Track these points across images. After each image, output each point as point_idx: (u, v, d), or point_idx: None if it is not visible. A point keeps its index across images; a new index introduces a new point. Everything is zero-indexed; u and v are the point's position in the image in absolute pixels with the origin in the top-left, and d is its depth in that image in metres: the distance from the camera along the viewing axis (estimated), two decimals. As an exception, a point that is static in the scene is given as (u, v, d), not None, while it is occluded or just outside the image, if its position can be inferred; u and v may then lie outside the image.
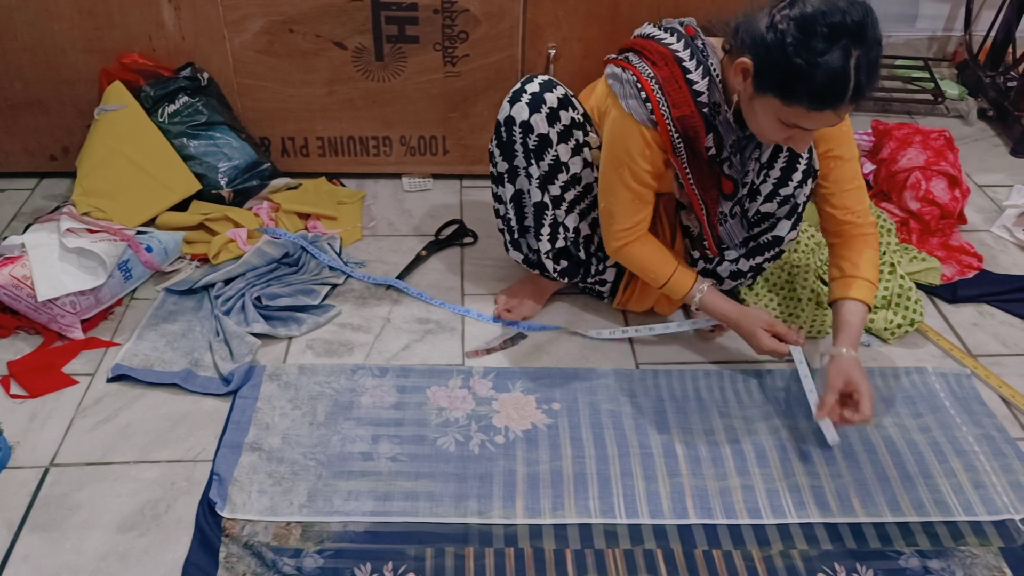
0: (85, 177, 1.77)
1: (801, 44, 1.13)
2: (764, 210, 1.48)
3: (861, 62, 1.13)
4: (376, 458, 1.39)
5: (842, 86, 1.14)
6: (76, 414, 1.44)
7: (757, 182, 1.45)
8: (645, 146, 1.34)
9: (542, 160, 1.45)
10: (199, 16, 1.82)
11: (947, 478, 1.38)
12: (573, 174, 1.48)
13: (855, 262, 1.44)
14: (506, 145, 1.47)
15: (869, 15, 1.13)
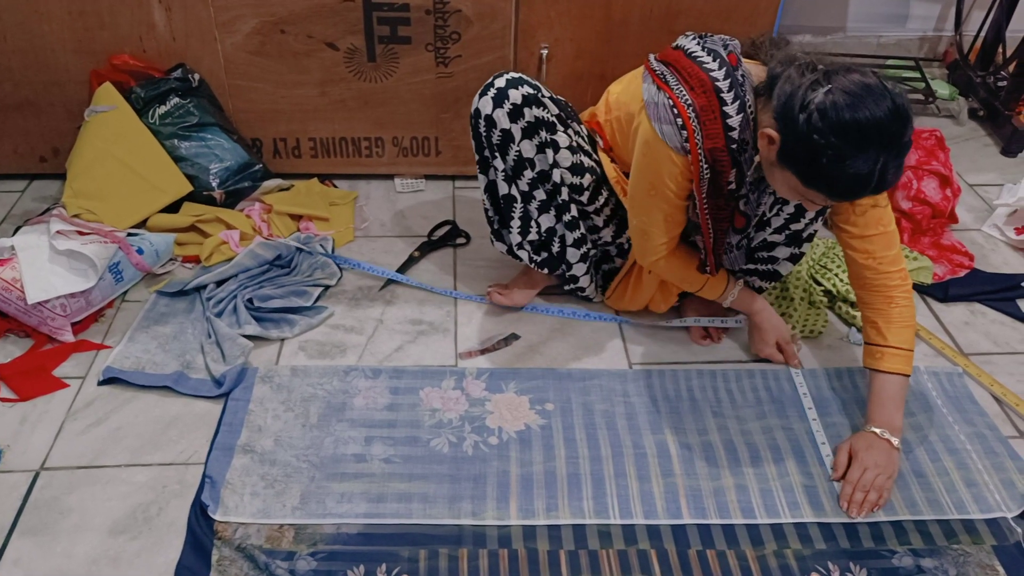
0: (75, 179, 1.76)
1: (830, 146, 1.11)
2: (770, 239, 1.47)
3: (889, 167, 1.12)
4: (369, 460, 1.38)
5: (864, 186, 1.13)
6: (67, 417, 1.43)
7: (769, 214, 1.44)
8: (677, 172, 1.32)
9: (506, 155, 1.46)
10: (190, 17, 1.81)
11: (940, 477, 1.38)
12: (540, 171, 1.48)
13: (884, 326, 1.38)
14: (475, 137, 1.50)
15: (907, 125, 1.11)
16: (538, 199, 1.51)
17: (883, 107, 1.09)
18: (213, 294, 1.66)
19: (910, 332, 1.39)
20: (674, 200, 1.36)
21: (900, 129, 1.10)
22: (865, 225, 1.35)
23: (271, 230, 1.84)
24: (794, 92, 1.14)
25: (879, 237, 1.36)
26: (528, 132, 1.45)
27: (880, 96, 1.10)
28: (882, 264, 1.37)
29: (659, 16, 1.88)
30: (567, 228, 1.54)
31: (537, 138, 1.45)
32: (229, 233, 1.77)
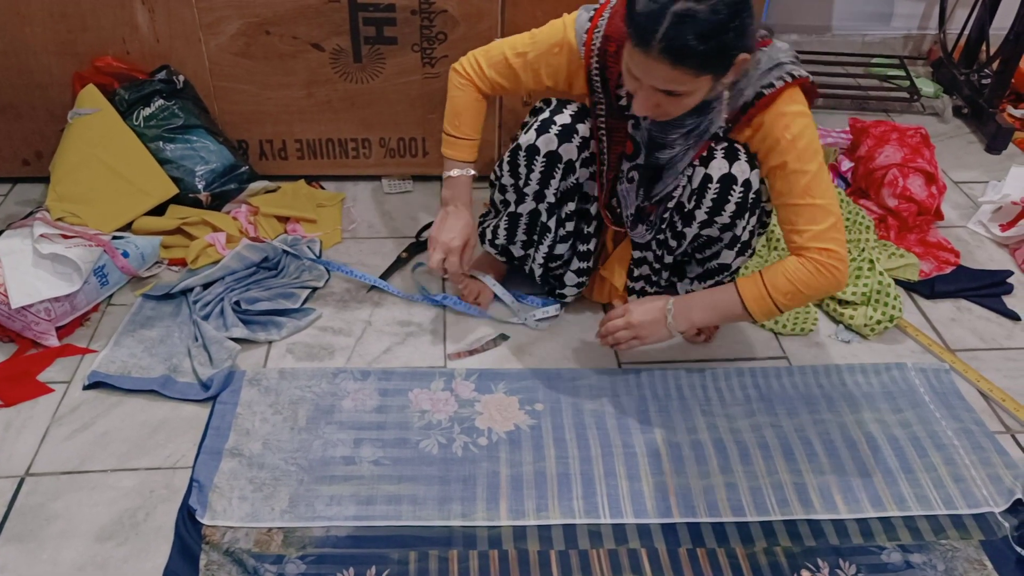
0: (59, 182, 1.75)
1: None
2: (706, 234, 1.43)
3: (683, 13, 1.08)
4: (358, 462, 1.38)
5: (654, 24, 1.09)
6: (52, 422, 1.41)
7: (688, 205, 1.41)
8: (559, 46, 1.37)
9: (551, 181, 1.48)
10: (173, 18, 1.80)
11: (928, 472, 1.39)
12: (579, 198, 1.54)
13: (778, 268, 1.33)
14: (513, 171, 1.49)
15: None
16: (567, 229, 1.53)
17: None
18: (200, 297, 1.64)
19: (788, 287, 1.31)
20: (540, 62, 1.39)
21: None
22: (790, 191, 1.29)
23: (258, 232, 1.83)
24: None
25: (806, 208, 1.28)
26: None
27: None
28: (801, 236, 1.30)
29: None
30: (578, 258, 1.58)
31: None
32: (215, 236, 1.76)
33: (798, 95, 1.29)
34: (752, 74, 1.26)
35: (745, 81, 1.27)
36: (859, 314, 1.67)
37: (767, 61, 1.27)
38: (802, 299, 1.33)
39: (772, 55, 1.28)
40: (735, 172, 1.34)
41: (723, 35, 1.10)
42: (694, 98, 1.22)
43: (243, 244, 1.72)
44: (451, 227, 1.50)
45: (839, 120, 2.44)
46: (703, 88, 1.20)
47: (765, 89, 1.27)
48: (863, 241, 1.82)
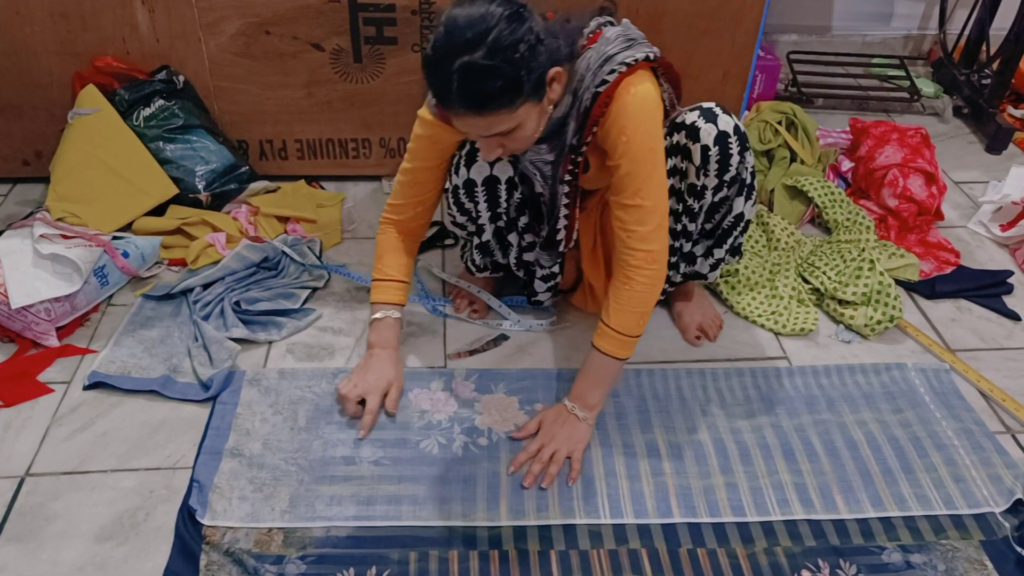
0: (59, 182, 1.75)
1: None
2: (719, 196, 1.42)
3: (464, 68, 1.11)
4: (358, 462, 1.37)
5: (446, 87, 1.14)
6: (52, 423, 1.41)
7: (698, 181, 1.40)
8: (427, 138, 1.43)
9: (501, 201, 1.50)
10: (174, 18, 1.80)
11: (928, 473, 1.39)
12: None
13: (613, 306, 1.34)
14: (461, 210, 1.52)
15: (450, 33, 1.12)
16: (527, 240, 1.54)
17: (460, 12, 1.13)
18: (200, 297, 1.64)
19: (633, 318, 1.34)
20: (424, 152, 1.44)
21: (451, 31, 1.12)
22: (621, 190, 1.30)
23: (258, 232, 1.83)
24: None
25: (634, 209, 1.29)
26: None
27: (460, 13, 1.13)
28: (630, 238, 1.31)
29: (645, 16, 1.88)
30: (539, 266, 1.57)
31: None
32: (215, 236, 1.76)
33: (641, 80, 1.26)
34: (586, 77, 1.26)
35: (581, 86, 1.27)
36: (859, 314, 1.67)
37: (596, 58, 1.26)
38: (645, 317, 1.36)
39: (600, 50, 1.26)
40: (721, 126, 1.34)
41: (510, 69, 1.12)
42: (528, 128, 1.23)
43: (243, 244, 1.72)
44: (375, 369, 1.46)
45: (839, 120, 2.44)
46: (531, 115, 1.21)
47: (600, 87, 1.26)
48: (863, 241, 1.82)
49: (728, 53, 1.96)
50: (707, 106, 1.36)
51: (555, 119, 1.28)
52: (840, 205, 1.93)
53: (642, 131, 1.27)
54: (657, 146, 1.29)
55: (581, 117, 1.29)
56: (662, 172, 1.31)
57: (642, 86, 1.26)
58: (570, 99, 1.28)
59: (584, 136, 1.31)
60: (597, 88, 1.26)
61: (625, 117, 1.26)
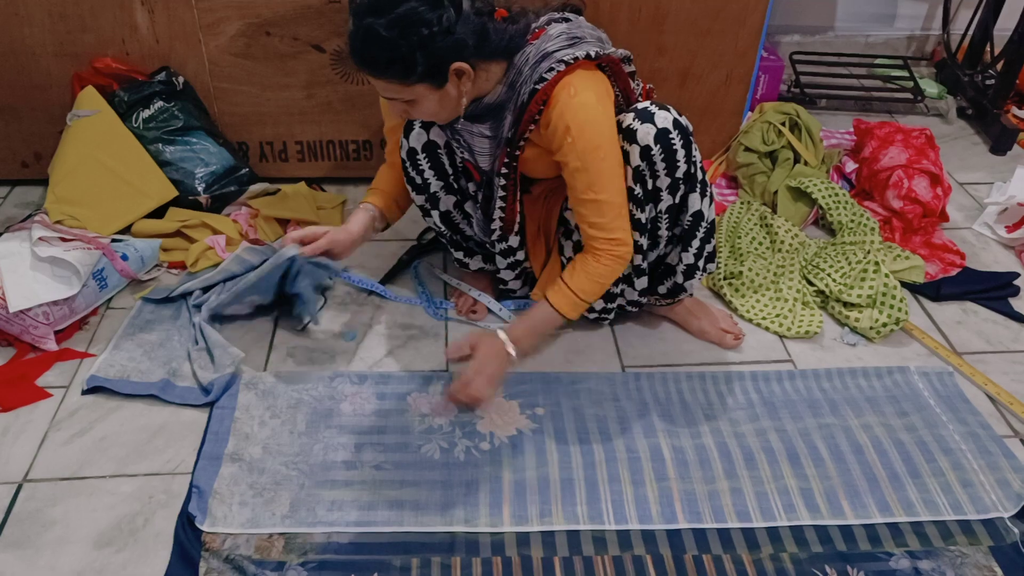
0: (58, 184, 1.73)
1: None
2: (677, 195, 1.42)
3: (366, 28, 1.17)
4: (360, 466, 1.36)
5: (352, 40, 1.20)
6: (50, 427, 1.40)
7: (649, 183, 1.38)
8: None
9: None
10: (173, 19, 1.79)
11: (935, 477, 1.38)
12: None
13: (578, 269, 1.38)
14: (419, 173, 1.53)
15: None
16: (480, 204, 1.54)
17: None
18: (200, 300, 1.63)
19: (593, 286, 1.39)
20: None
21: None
22: (574, 186, 1.33)
23: (258, 235, 1.82)
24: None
25: (590, 203, 1.33)
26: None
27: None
28: (592, 228, 1.35)
29: (647, 17, 1.87)
30: (502, 255, 1.58)
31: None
32: (215, 238, 1.75)
33: (581, 79, 1.27)
34: (524, 71, 1.27)
35: (519, 79, 1.28)
36: (865, 317, 1.65)
37: (535, 54, 1.27)
38: (604, 288, 1.42)
39: (540, 47, 1.27)
40: (660, 124, 1.32)
41: (404, 45, 1.17)
42: (426, 106, 1.27)
43: (243, 247, 1.70)
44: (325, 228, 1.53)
45: (843, 121, 2.42)
46: (427, 96, 1.24)
47: (537, 85, 1.26)
48: (868, 243, 1.81)
49: (731, 54, 1.95)
50: (641, 106, 1.35)
51: (489, 104, 1.31)
52: (844, 207, 1.91)
53: (587, 129, 1.28)
54: (603, 142, 1.30)
55: (518, 111, 1.30)
56: (612, 163, 1.32)
57: (581, 84, 1.27)
58: (507, 90, 1.30)
59: (520, 130, 1.32)
60: (535, 84, 1.27)
61: (568, 118, 1.27)
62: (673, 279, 1.53)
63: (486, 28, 1.23)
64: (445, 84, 1.24)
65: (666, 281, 1.55)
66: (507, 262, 1.59)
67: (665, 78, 1.97)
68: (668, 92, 1.98)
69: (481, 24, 1.22)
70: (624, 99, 1.39)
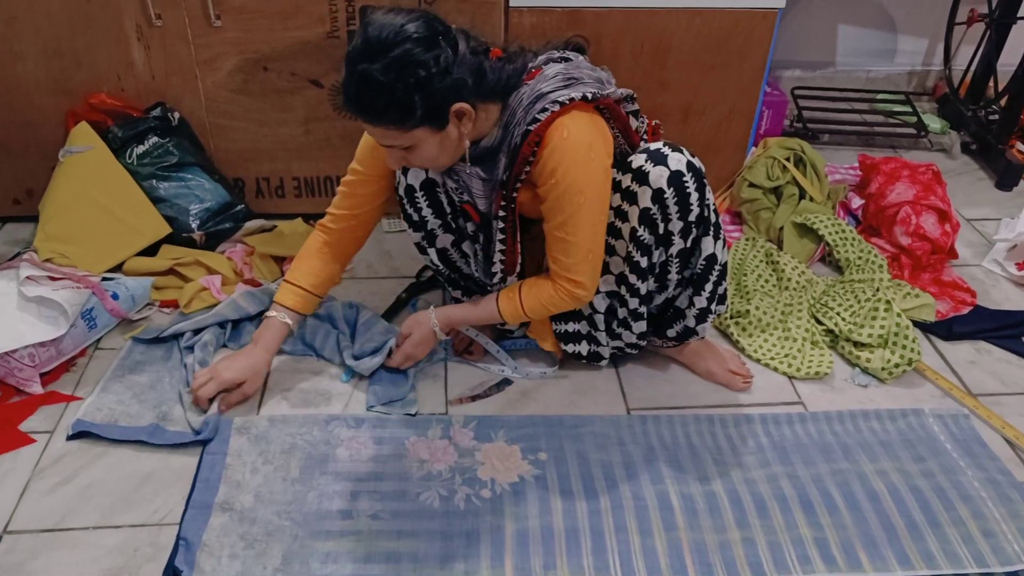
0: (48, 222, 1.70)
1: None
2: (689, 240, 1.39)
3: (361, 73, 1.13)
4: (355, 516, 1.31)
5: (346, 87, 1.17)
6: (33, 475, 1.34)
7: (661, 226, 1.35)
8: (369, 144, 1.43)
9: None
10: (170, 55, 1.77)
11: (955, 527, 1.32)
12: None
13: (533, 287, 1.41)
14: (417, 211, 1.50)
15: (364, 38, 1.14)
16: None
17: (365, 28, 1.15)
18: (192, 341, 1.58)
19: (541, 311, 1.42)
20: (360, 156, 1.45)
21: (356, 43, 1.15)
22: (549, 220, 1.32)
23: (253, 273, 1.78)
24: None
25: (559, 241, 1.33)
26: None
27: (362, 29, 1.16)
28: (556, 264, 1.36)
29: (649, 53, 1.86)
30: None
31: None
32: (210, 279, 1.71)
33: (575, 120, 1.24)
34: (517, 113, 1.25)
35: (512, 120, 1.25)
36: (876, 357, 1.61)
37: (529, 95, 1.24)
38: (549, 313, 1.44)
39: (535, 87, 1.24)
40: (673, 166, 1.29)
41: (402, 89, 1.13)
42: (426, 150, 1.23)
43: (240, 292, 1.66)
44: (235, 360, 1.47)
45: (846, 156, 2.40)
46: (427, 140, 1.21)
47: (530, 126, 1.24)
48: (877, 281, 1.77)
49: (734, 89, 1.93)
50: (655, 147, 1.32)
51: (485, 148, 1.29)
52: (851, 243, 1.88)
53: (572, 174, 1.25)
54: (587, 187, 1.27)
55: (511, 153, 1.27)
56: (591, 210, 1.30)
57: (575, 127, 1.24)
58: (501, 133, 1.27)
59: (515, 172, 1.29)
60: (528, 126, 1.24)
61: (556, 160, 1.24)
62: (683, 323, 1.49)
63: (483, 67, 1.21)
64: (446, 126, 1.21)
65: (675, 325, 1.50)
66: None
67: (668, 114, 1.95)
68: (671, 128, 1.96)
69: (478, 63, 1.20)
70: (625, 139, 1.36)
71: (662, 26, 1.83)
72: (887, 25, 2.69)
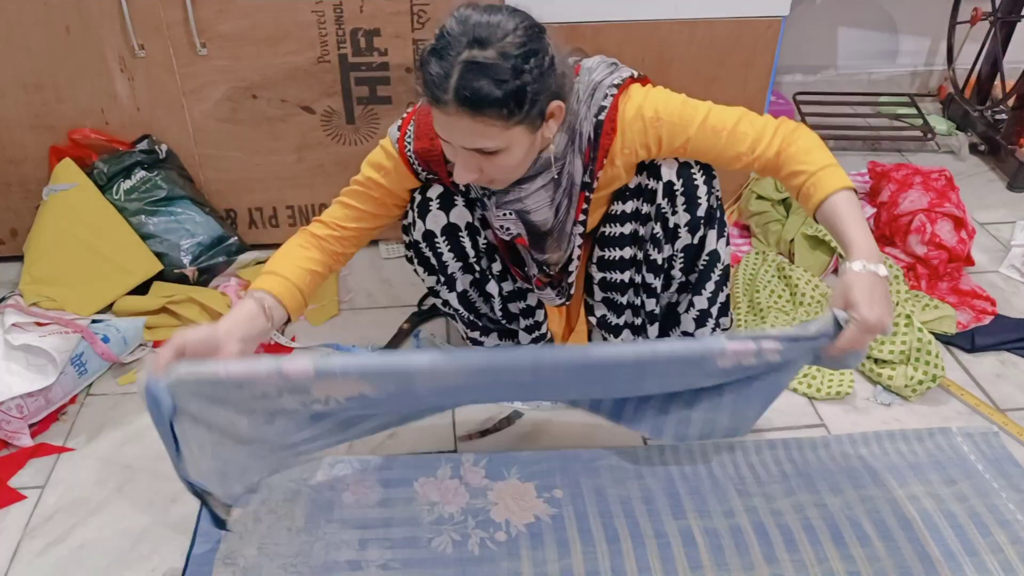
0: (33, 263, 1.63)
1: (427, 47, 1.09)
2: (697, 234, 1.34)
3: (471, 61, 1.04)
4: (365, 567, 1.24)
5: (445, 78, 1.05)
6: (24, 535, 1.28)
7: (670, 221, 1.32)
8: (378, 167, 1.33)
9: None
10: (155, 86, 1.71)
11: (993, 554, 1.26)
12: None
13: (800, 159, 1.21)
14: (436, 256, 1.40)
15: (466, 29, 1.05)
16: (506, 289, 1.45)
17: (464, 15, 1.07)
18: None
19: (822, 151, 1.22)
20: (365, 181, 1.34)
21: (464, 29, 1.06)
22: (708, 154, 1.27)
23: (249, 308, 1.71)
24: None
25: (726, 139, 1.24)
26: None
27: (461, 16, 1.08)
28: (754, 150, 1.24)
29: (651, 65, 1.80)
30: (522, 315, 1.49)
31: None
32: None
33: (632, 93, 1.23)
34: (579, 110, 1.21)
35: (576, 119, 1.21)
36: (898, 374, 1.55)
37: (585, 89, 1.21)
38: (821, 144, 1.24)
39: (586, 80, 1.22)
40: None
41: (517, 78, 1.05)
42: (513, 155, 1.13)
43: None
44: (196, 330, 1.11)
45: (853, 162, 2.34)
46: (520, 142, 1.12)
47: (599, 116, 1.20)
48: (894, 293, 1.71)
49: (739, 100, 1.83)
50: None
51: (544, 158, 1.22)
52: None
53: (667, 105, 1.23)
54: (686, 100, 1.25)
55: (590, 151, 1.23)
56: (706, 108, 1.25)
57: (635, 95, 1.22)
58: (565, 136, 1.22)
59: (596, 170, 1.24)
60: (597, 117, 1.20)
61: (640, 113, 1.22)
62: (680, 328, 1.43)
63: (568, 67, 1.16)
64: (539, 128, 1.13)
65: (673, 331, 1.45)
66: (531, 337, 1.50)
67: (671, 127, 1.89)
68: (675, 141, 1.90)
69: (565, 62, 1.15)
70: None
71: (663, 38, 1.77)
72: (888, 26, 2.64)
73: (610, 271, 1.39)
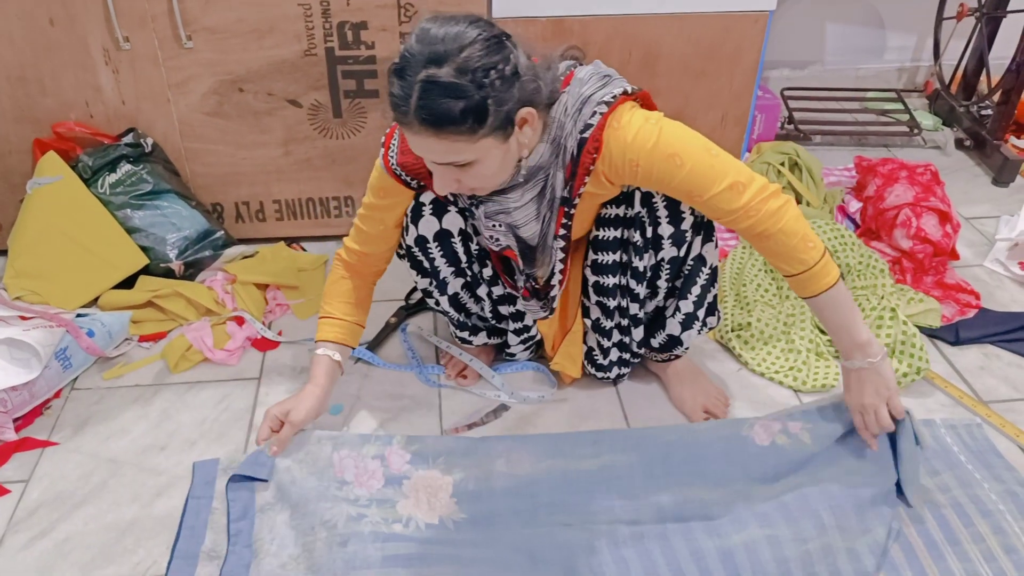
0: (17, 258, 1.62)
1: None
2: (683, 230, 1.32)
3: (427, 80, 1.03)
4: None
5: (406, 99, 1.04)
6: (7, 530, 1.27)
7: (649, 230, 1.31)
8: (381, 188, 1.32)
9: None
10: (140, 78, 1.70)
11: (976, 544, 1.26)
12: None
13: (785, 258, 1.21)
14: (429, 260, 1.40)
15: (423, 45, 1.04)
16: (497, 293, 1.45)
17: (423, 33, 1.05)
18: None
19: (800, 244, 1.19)
20: (371, 202, 1.34)
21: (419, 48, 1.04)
22: (689, 202, 1.22)
23: (236, 302, 1.71)
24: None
25: (703, 203, 1.19)
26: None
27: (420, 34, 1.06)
28: (731, 210, 1.18)
29: (638, 60, 1.80)
30: (512, 319, 1.49)
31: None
32: (199, 336, 1.60)
33: (625, 111, 1.17)
34: (565, 123, 1.17)
35: (561, 133, 1.18)
36: (883, 367, 1.55)
37: (573, 102, 1.17)
38: (806, 236, 1.20)
39: (576, 92, 1.17)
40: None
41: (476, 93, 1.03)
42: (487, 166, 1.12)
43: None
44: (301, 403, 1.32)
45: (839, 156, 2.35)
46: (491, 153, 1.10)
47: (584, 134, 1.16)
48: (880, 287, 1.72)
49: (726, 94, 1.88)
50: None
51: (531, 165, 1.19)
52: (851, 248, 1.83)
53: (661, 142, 1.15)
54: (676, 148, 1.16)
55: (571, 166, 1.20)
56: (697, 161, 1.16)
57: (625, 115, 1.16)
58: (549, 148, 1.19)
59: (576, 187, 1.21)
60: (582, 135, 1.16)
61: (623, 149, 1.16)
62: (666, 332, 1.43)
63: (537, 72, 1.13)
64: (511, 136, 1.11)
65: (658, 334, 1.45)
66: (520, 340, 1.52)
67: (658, 121, 1.89)
68: (662, 136, 1.91)
69: (533, 68, 1.12)
70: None
71: (650, 33, 1.77)
72: (875, 21, 2.65)
73: (602, 275, 1.38)
